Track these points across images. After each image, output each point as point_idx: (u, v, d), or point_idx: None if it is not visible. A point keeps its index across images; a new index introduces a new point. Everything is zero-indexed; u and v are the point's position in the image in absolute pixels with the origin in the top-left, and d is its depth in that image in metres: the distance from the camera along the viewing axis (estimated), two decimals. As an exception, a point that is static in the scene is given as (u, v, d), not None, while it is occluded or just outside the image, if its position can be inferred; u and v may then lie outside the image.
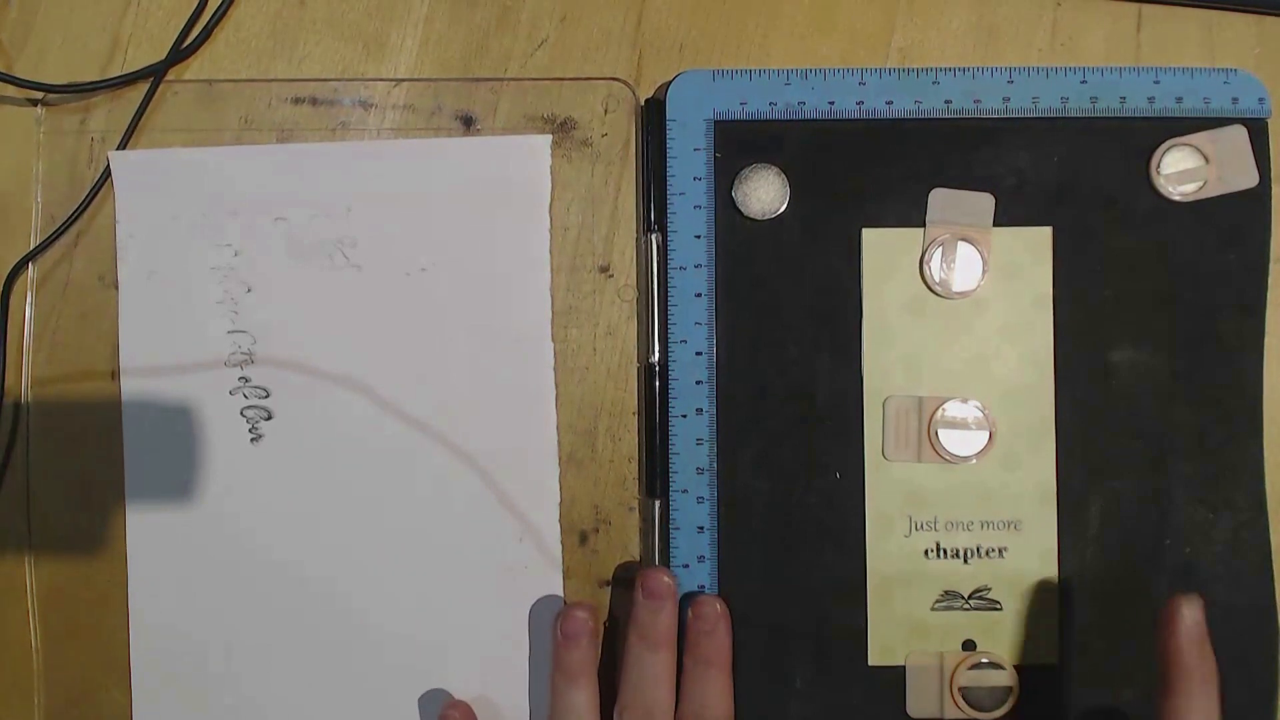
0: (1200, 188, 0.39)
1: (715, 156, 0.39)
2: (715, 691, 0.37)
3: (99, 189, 0.40)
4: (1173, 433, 0.39)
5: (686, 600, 0.38)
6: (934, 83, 0.39)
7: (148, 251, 0.40)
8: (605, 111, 0.40)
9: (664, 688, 0.37)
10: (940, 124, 0.39)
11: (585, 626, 0.37)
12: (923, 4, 0.41)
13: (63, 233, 0.40)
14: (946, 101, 0.39)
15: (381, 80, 0.40)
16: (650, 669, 0.37)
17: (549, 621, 0.39)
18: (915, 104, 0.39)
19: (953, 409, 0.39)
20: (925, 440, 0.39)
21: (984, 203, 0.39)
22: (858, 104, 0.39)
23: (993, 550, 0.39)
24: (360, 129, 0.40)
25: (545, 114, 0.40)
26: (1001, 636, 0.39)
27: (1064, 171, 0.39)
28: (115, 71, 0.40)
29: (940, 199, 0.39)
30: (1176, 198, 0.39)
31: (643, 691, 0.36)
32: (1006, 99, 0.39)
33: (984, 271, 0.39)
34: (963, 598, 0.39)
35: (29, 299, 0.40)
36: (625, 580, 0.40)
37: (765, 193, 0.39)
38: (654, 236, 0.39)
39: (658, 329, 0.39)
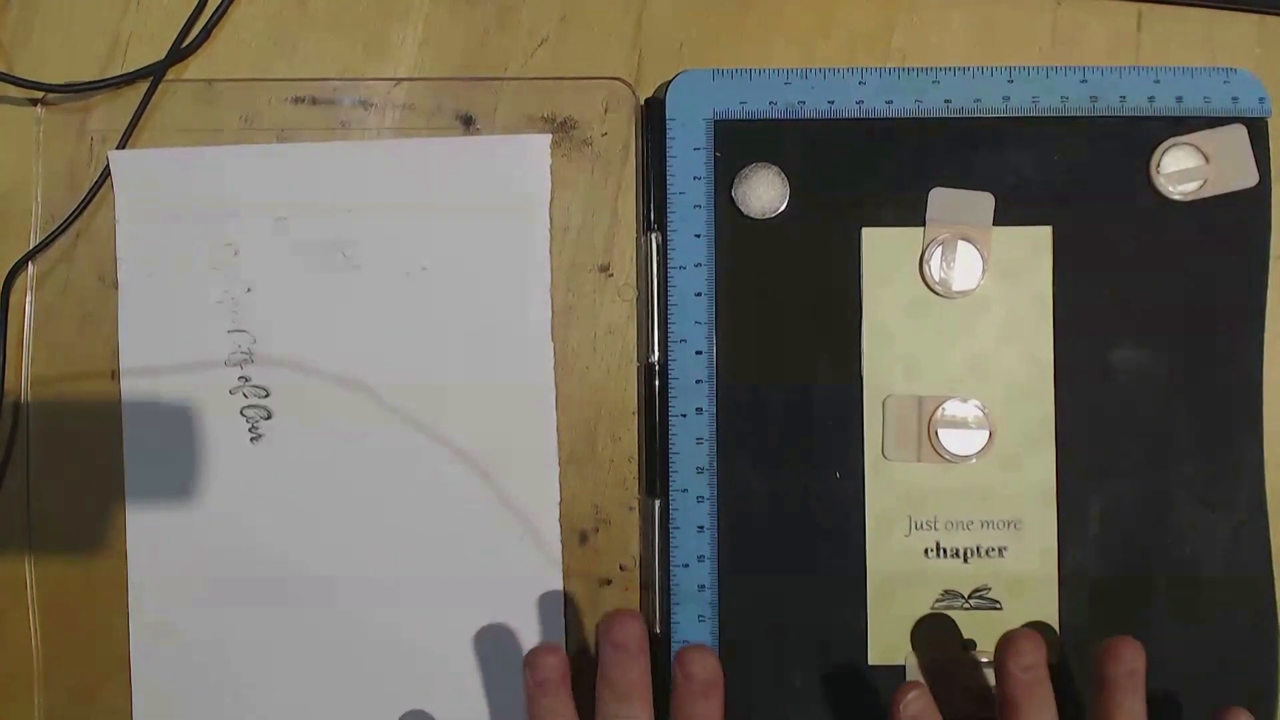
0: (1200, 187, 0.39)
1: (715, 156, 0.39)
2: None
3: (99, 189, 0.40)
4: (1173, 433, 0.39)
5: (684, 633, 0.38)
6: (934, 82, 0.39)
7: (148, 251, 0.40)
8: (605, 111, 0.40)
9: None
10: (940, 124, 0.39)
11: (554, 673, 0.35)
12: (923, 4, 0.40)
13: (63, 233, 0.40)
14: (946, 101, 0.39)
15: (381, 80, 0.40)
16: None
17: (548, 621, 0.39)
18: (915, 104, 0.39)
19: (952, 409, 0.39)
20: (925, 440, 0.39)
21: (984, 202, 0.39)
22: (858, 104, 0.39)
23: (992, 550, 0.39)
24: (360, 129, 0.40)
25: (545, 114, 0.40)
26: (1001, 636, 0.39)
27: (1064, 171, 0.39)
28: (115, 71, 0.40)
29: (940, 199, 0.39)
30: (1176, 197, 0.39)
31: None
32: (1006, 99, 0.39)
33: (984, 271, 0.39)
34: (963, 597, 0.39)
35: (29, 299, 0.40)
36: (625, 580, 0.40)
37: (765, 192, 0.39)
38: (654, 236, 0.39)
39: (657, 328, 0.39)
